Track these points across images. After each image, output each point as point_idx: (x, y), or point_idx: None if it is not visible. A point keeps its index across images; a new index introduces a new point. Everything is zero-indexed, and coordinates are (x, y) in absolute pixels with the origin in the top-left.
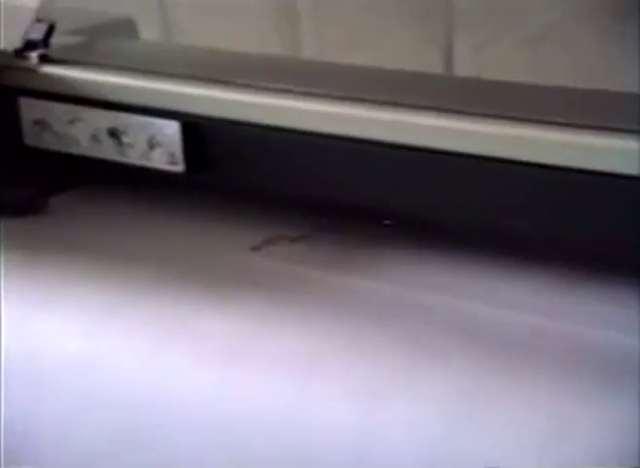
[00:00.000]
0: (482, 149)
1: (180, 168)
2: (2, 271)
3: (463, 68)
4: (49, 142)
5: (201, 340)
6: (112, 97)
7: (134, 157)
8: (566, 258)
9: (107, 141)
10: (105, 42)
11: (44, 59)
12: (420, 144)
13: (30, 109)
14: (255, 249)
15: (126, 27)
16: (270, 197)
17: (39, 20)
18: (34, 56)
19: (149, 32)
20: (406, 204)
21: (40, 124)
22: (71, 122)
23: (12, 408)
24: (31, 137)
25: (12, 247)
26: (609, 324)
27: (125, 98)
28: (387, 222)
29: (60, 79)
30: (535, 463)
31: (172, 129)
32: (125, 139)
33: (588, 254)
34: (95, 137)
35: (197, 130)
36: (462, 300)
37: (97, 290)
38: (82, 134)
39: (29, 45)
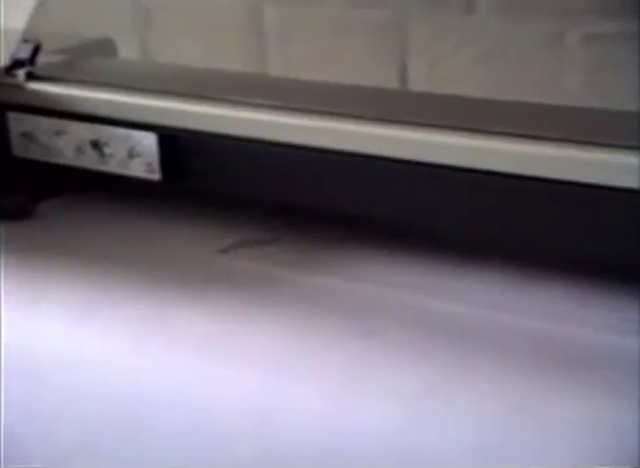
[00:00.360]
0: (432, 156)
1: (156, 176)
2: (2, 272)
3: (417, 84)
4: (36, 153)
5: (177, 339)
6: (94, 112)
7: (114, 166)
8: (529, 258)
9: (90, 152)
10: (87, 60)
11: (30, 77)
12: (379, 153)
13: (18, 123)
14: (227, 251)
15: (106, 47)
16: (242, 203)
17: (26, 41)
18: (21, 73)
19: (127, 51)
20: (368, 206)
21: (27, 136)
22: (56, 134)
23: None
24: (19, 149)
25: (3, 249)
26: (571, 319)
27: (106, 112)
28: None
29: (45, 95)
30: (493, 452)
31: (149, 140)
32: (106, 150)
33: (554, 253)
34: (78, 149)
35: (173, 141)
36: (428, 298)
37: (81, 289)
38: (66, 145)
39: (17, 63)
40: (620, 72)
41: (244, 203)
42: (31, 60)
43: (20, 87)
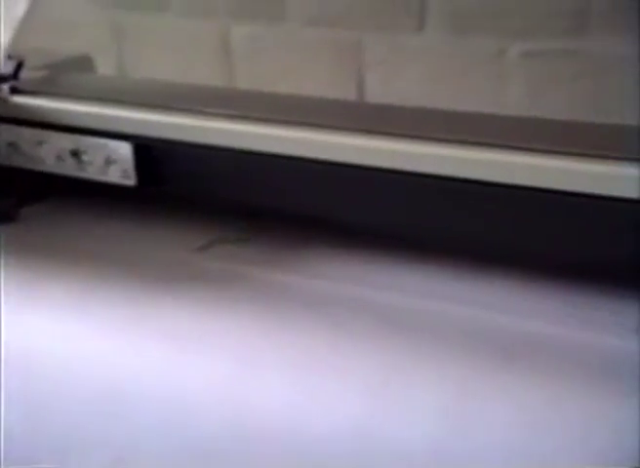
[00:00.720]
0: (385, 162)
1: (132, 182)
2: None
3: (373, 96)
4: (19, 162)
5: (157, 332)
6: (73, 123)
7: (92, 173)
8: (480, 252)
9: (70, 160)
10: (67, 76)
11: (14, 91)
12: (339, 159)
13: (3, 133)
14: (199, 250)
15: (84, 63)
16: (212, 206)
17: (10, 57)
18: (5, 88)
19: (104, 67)
20: (329, 208)
21: (12, 146)
22: (38, 144)
23: None
24: (4, 158)
25: None
26: (519, 311)
27: (84, 123)
28: None
29: (28, 107)
30: (447, 437)
31: (125, 149)
32: (85, 158)
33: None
34: (59, 157)
35: (146, 149)
36: (387, 293)
37: (68, 287)
38: (48, 154)
39: (1, 78)
40: (556, 85)
41: (214, 206)
42: (15, 75)
43: (4, 100)
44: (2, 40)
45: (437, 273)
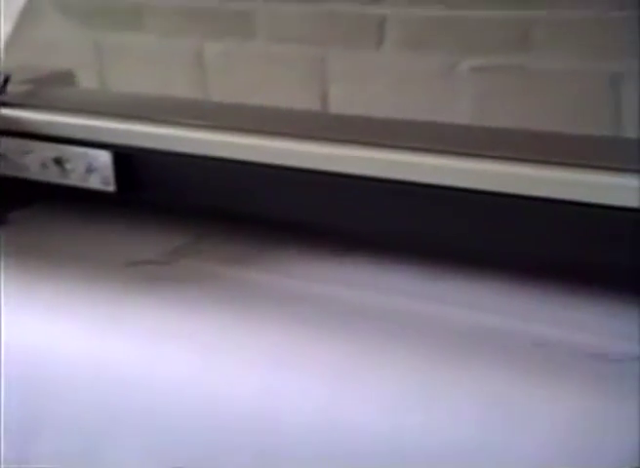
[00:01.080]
0: (352, 168)
1: (111, 188)
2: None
3: (336, 107)
4: (7, 170)
5: (128, 328)
6: (56, 133)
7: (75, 180)
8: (439, 252)
9: (53, 168)
10: (51, 89)
11: (2, 104)
12: (306, 166)
13: None
14: (175, 251)
15: (67, 78)
16: (185, 209)
17: None
18: None
19: (85, 81)
20: (289, 212)
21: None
22: (24, 153)
23: None
24: None
25: None
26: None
27: (67, 134)
28: None
29: (15, 119)
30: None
31: (105, 157)
32: (67, 166)
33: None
34: (43, 165)
35: (125, 158)
36: (343, 288)
37: (49, 285)
38: (33, 162)
39: None
40: (502, 97)
41: (189, 209)
42: (2, 90)
43: None
44: None
45: (399, 271)
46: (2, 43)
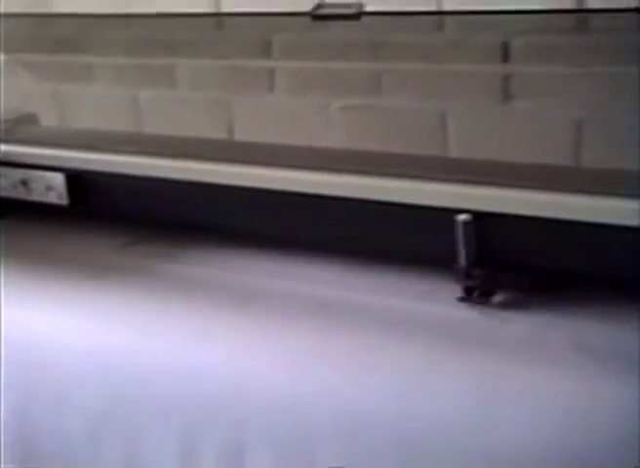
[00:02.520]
0: (261, 183)
1: (65, 202)
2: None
3: (240, 136)
4: None
5: (78, 309)
6: (23, 161)
7: (37, 196)
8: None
9: (21, 188)
10: (18, 128)
11: None
12: (215, 181)
13: None
14: (117, 250)
15: (31, 119)
16: (124, 217)
17: None
18: None
19: (45, 121)
20: (205, 216)
21: None
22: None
23: None
24: None
25: None
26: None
27: (30, 161)
28: None
29: None
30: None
31: (59, 178)
32: (31, 186)
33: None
34: (13, 185)
35: (75, 178)
36: (281, 280)
37: (19, 277)
38: (5, 184)
39: None
40: (362, 127)
41: (126, 218)
42: None
43: None
44: None
45: (332, 265)
46: None
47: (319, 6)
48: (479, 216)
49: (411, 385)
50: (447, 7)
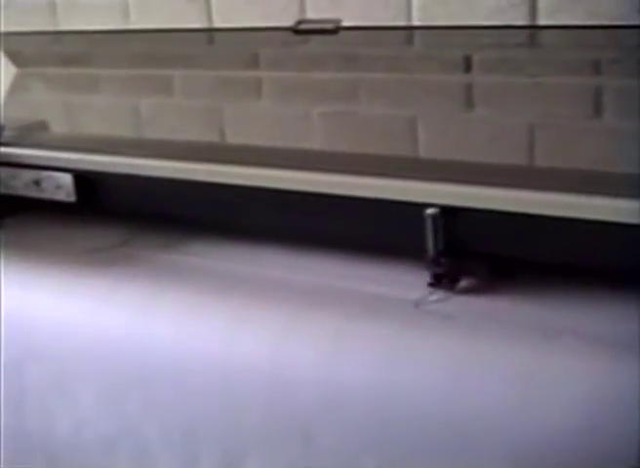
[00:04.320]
0: (250, 181)
1: (73, 199)
2: (2, 273)
3: (231, 139)
4: (1, 189)
5: (83, 293)
6: (35, 163)
7: (48, 195)
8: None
9: (33, 187)
10: (31, 134)
11: None
12: (209, 180)
13: None
14: (120, 242)
15: (42, 126)
16: (125, 213)
17: None
18: None
19: (55, 128)
20: (199, 212)
21: None
22: (14, 177)
23: None
24: None
25: None
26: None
27: (42, 163)
28: None
29: (8, 154)
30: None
31: (67, 178)
32: (42, 185)
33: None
34: (26, 185)
35: (83, 178)
36: (261, 268)
37: (36, 270)
38: (19, 183)
39: None
40: (341, 132)
41: (128, 214)
42: None
43: None
44: None
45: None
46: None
47: (300, 22)
48: (446, 210)
49: (382, 360)
50: (416, 23)
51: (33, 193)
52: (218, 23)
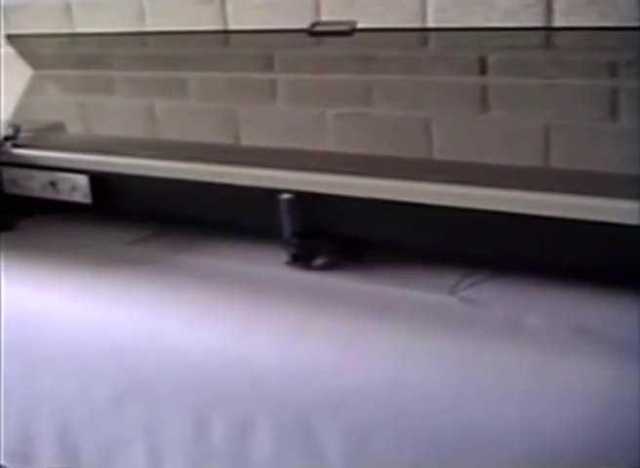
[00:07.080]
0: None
1: (89, 200)
2: (2, 272)
3: (246, 142)
4: (17, 190)
5: (101, 289)
6: (51, 164)
7: (64, 196)
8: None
9: (49, 188)
10: (47, 135)
11: (15, 146)
12: (226, 182)
13: (7, 173)
14: (133, 243)
15: (58, 127)
16: (140, 214)
17: (11, 125)
18: (9, 144)
19: (71, 129)
20: (208, 214)
21: (12, 181)
22: (30, 178)
23: None
24: (8, 189)
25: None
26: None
27: (58, 164)
28: None
29: (24, 156)
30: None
31: (84, 180)
32: (59, 187)
33: None
34: (43, 186)
35: (98, 179)
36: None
37: (49, 269)
38: (35, 185)
39: (6, 138)
40: (355, 133)
41: (141, 214)
42: (15, 136)
43: (8, 153)
44: (2, 115)
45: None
46: (2, 105)
47: (315, 24)
48: (304, 196)
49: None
50: (431, 24)
51: (49, 194)
52: (232, 25)
